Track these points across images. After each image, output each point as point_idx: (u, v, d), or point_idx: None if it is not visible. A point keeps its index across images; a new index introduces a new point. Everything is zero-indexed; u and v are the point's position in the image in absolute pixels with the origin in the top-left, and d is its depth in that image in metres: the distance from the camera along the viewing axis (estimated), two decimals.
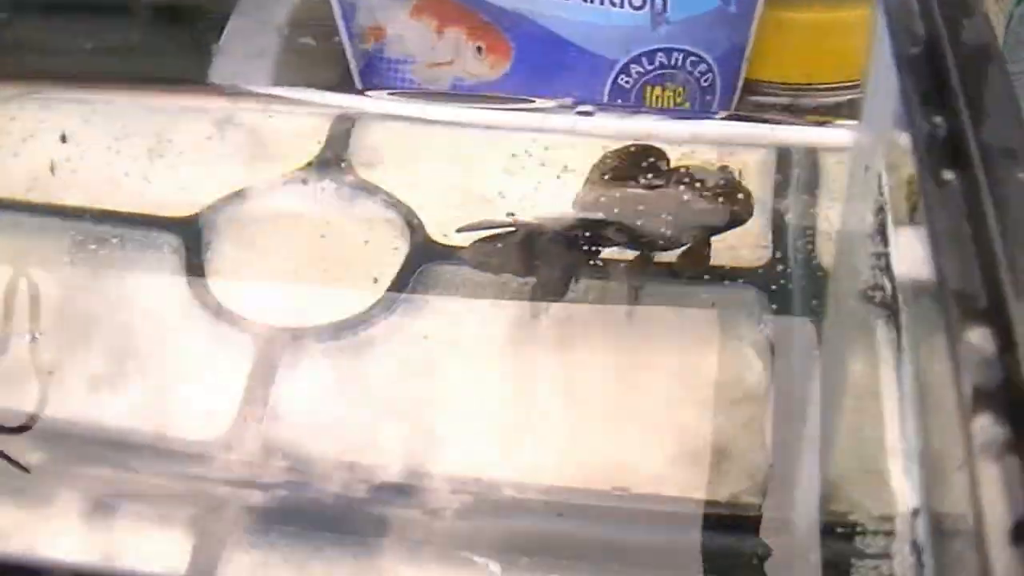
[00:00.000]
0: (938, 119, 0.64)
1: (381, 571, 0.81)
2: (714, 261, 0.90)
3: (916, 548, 0.76)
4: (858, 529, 0.79)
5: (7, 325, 0.92)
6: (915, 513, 0.75)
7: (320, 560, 0.82)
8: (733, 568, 0.80)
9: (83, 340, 0.91)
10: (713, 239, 0.89)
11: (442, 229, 0.95)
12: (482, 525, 0.82)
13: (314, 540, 0.82)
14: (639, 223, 0.88)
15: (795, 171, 0.97)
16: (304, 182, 0.99)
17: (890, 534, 0.78)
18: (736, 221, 0.88)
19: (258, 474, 0.85)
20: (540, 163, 0.99)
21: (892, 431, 0.81)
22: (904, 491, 0.79)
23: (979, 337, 0.57)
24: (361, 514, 0.83)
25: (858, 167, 0.84)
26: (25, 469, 0.86)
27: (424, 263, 0.94)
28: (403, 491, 0.84)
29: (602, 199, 0.89)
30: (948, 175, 0.62)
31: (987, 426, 0.55)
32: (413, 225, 0.96)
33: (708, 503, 0.82)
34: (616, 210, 0.88)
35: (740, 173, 0.93)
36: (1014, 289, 0.57)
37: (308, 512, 0.83)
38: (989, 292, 0.59)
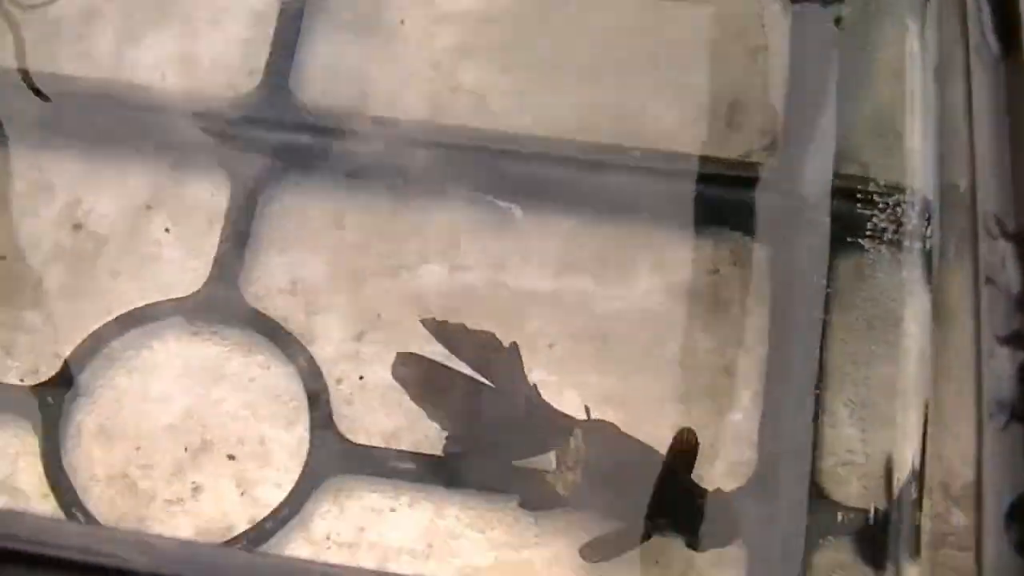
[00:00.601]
0: None
1: (411, 214, 0.84)
2: None
3: (926, 213, 0.77)
4: (871, 192, 0.80)
5: None
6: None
7: (355, 205, 0.84)
8: (741, 220, 0.82)
9: None
10: None
11: None
12: (504, 171, 0.84)
13: (347, 186, 0.85)
14: None
15: None
16: None
17: (901, 200, 0.79)
18: None
19: (291, 122, 0.86)
20: None
21: (913, 98, 0.80)
22: (917, 159, 0.79)
23: None
24: (389, 160, 0.84)
25: None
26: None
27: None
28: (426, 135, 0.85)
29: None
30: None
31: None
32: None
33: (719, 159, 0.84)
34: None
35: None
36: None
37: (340, 158, 0.85)
38: None
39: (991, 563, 0.55)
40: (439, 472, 0.76)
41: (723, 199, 0.82)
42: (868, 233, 0.79)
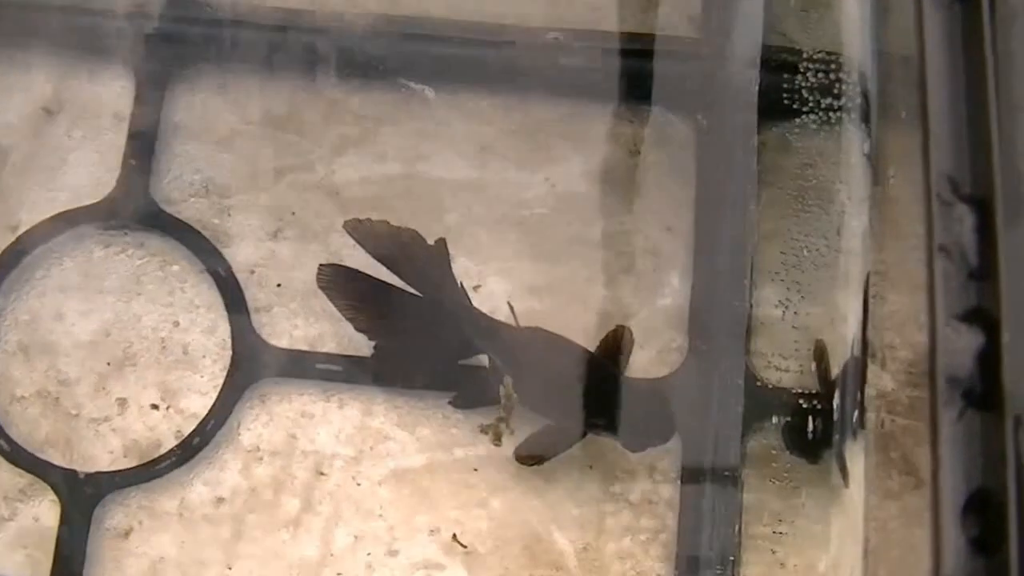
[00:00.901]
0: None
1: (323, 104, 0.81)
2: None
3: (862, 83, 0.75)
4: (802, 62, 0.77)
5: None
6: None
7: (264, 98, 0.82)
8: (663, 95, 0.80)
9: None
10: None
11: None
12: (416, 53, 0.81)
13: (255, 78, 0.82)
14: None
15: None
16: None
17: (836, 68, 0.77)
18: None
19: (194, 15, 0.82)
20: None
21: None
22: (850, 25, 0.77)
23: None
24: (297, 49, 0.81)
25: None
26: None
27: None
28: (334, 22, 0.82)
29: None
30: None
31: None
32: None
33: (639, 34, 0.81)
34: None
35: None
36: None
37: (246, 49, 0.82)
38: None
39: (948, 559, 0.53)
40: (367, 372, 0.75)
41: (644, 75, 0.80)
42: (799, 105, 0.77)
